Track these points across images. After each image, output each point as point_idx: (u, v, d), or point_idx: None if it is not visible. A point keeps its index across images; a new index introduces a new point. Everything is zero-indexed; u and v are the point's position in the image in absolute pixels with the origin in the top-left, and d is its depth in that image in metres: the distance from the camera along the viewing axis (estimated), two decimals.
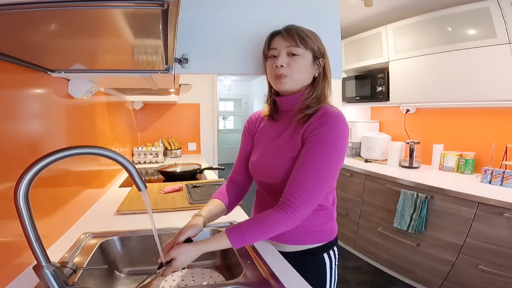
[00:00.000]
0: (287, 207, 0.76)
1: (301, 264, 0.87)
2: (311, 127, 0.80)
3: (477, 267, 1.66)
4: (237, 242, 0.76)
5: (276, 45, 0.85)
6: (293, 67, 0.82)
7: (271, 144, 0.91)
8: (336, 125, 0.79)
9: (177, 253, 0.74)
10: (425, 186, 1.93)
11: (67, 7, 0.39)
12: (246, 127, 1.03)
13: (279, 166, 0.85)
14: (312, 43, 0.83)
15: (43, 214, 0.90)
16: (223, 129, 7.92)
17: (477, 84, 1.94)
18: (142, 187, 0.65)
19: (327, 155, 0.77)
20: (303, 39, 0.82)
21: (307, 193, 0.75)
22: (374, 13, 2.47)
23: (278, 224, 0.76)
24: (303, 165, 0.78)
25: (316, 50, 0.84)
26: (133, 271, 0.97)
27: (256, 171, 0.94)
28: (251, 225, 0.77)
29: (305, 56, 0.83)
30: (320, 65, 0.86)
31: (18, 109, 0.78)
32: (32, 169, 0.55)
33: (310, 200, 0.76)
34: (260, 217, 0.78)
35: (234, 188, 1.02)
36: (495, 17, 1.78)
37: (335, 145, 0.77)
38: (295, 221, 0.76)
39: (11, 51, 0.68)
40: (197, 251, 0.76)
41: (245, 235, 0.76)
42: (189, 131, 3.18)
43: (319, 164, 0.76)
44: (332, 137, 0.77)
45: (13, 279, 0.73)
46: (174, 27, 0.53)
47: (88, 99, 1.33)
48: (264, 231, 0.77)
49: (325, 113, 0.81)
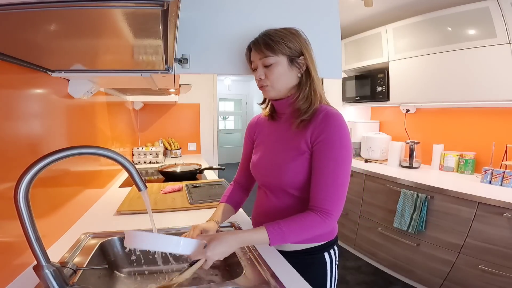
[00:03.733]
0: (320, 213, 0.78)
1: (302, 263, 0.87)
2: (316, 132, 0.81)
3: (477, 267, 1.66)
4: (276, 239, 0.76)
5: (253, 58, 0.87)
6: (270, 77, 0.84)
7: (272, 145, 0.92)
8: (339, 126, 0.80)
9: (216, 244, 0.71)
10: (425, 186, 1.93)
11: (67, 7, 0.39)
12: (247, 132, 1.06)
13: (282, 166, 0.86)
14: (282, 46, 0.81)
15: (43, 214, 0.90)
16: (223, 129, 7.91)
17: (477, 84, 1.94)
18: (142, 187, 0.65)
19: (339, 158, 0.79)
20: (269, 46, 0.81)
21: (333, 197, 0.79)
22: (374, 13, 2.47)
23: (315, 227, 0.78)
24: (321, 173, 0.80)
25: (289, 52, 0.82)
26: (133, 271, 0.97)
27: (257, 171, 0.95)
28: (291, 225, 0.78)
29: (279, 62, 0.82)
30: (300, 64, 0.84)
31: (18, 109, 0.78)
32: (32, 169, 0.55)
33: (338, 201, 0.79)
34: (298, 218, 0.79)
35: (239, 189, 1.08)
36: (495, 17, 1.78)
37: (343, 146, 0.79)
38: (330, 225, 0.79)
39: (11, 51, 0.68)
40: (237, 239, 0.75)
41: (285, 232, 0.76)
42: (189, 131, 3.18)
43: (334, 167, 0.79)
44: (338, 139, 0.79)
45: (13, 279, 0.72)
46: (174, 27, 0.54)
47: (88, 99, 1.33)
48: (303, 232, 0.78)
49: (326, 115, 0.81)
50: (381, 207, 2.29)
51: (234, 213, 1.03)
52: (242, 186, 1.09)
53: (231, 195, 1.05)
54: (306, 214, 0.79)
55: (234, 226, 1.10)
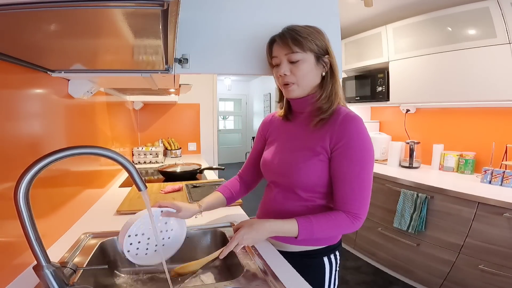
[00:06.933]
0: (350, 215, 0.80)
1: (299, 265, 0.86)
2: (335, 137, 0.80)
3: (477, 267, 1.66)
4: (304, 232, 0.78)
5: (276, 53, 0.84)
6: (297, 74, 0.81)
7: (286, 144, 0.91)
8: (360, 129, 0.79)
9: (248, 230, 0.77)
10: (425, 186, 1.93)
11: (67, 7, 0.39)
12: (260, 129, 1.05)
13: (293, 166, 0.85)
14: (310, 43, 0.80)
15: (43, 214, 0.90)
16: (223, 129, 7.92)
17: (477, 84, 1.94)
18: (142, 187, 0.65)
19: (363, 161, 0.79)
20: (298, 42, 0.79)
21: (361, 200, 0.80)
22: (374, 13, 2.47)
23: (344, 227, 0.80)
24: (346, 177, 0.79)
25: (317, 49, 0.81)
26: (133, 271, 0.97)
27: (268, 169, 0.94)
28: (321, 221, 0.79)
29: (307, 59, 0.81)
30: (325, 63, 0.83)
31: (18, 109, 0.78)
32: (32, 169, 0.55)
33: (365, 204, 0.81)
34: (329, 215, 0.80)
35: (240, 183, 1.07)
36: (495, 17, 1.78)
37: (365, 149, 0.79)
38: (357, 227, 0.81)
39: (11, 51, 0.68)
40: (269, 228, 0.78)
41: (314, 227, 0.78)
42: (189, 131, 3.18)
43: (359, 171, 0.79)
44: (361, 143, 0.79)
45: (13, 279, 0.72)
46: (174, 27, 0.53)
47: (88, 99, 1.33)
48: (333, 230, 0.80)
49: (345, 119, 0.80)
50: (381, 207, 2.29)
51: (224, 205, 1.03)
52: (245, 182, 1.08)
53: (229, 187, 1.05)
54: (337, 213, 0.80)
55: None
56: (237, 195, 1.06)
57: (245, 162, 1.09)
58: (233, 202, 1.06)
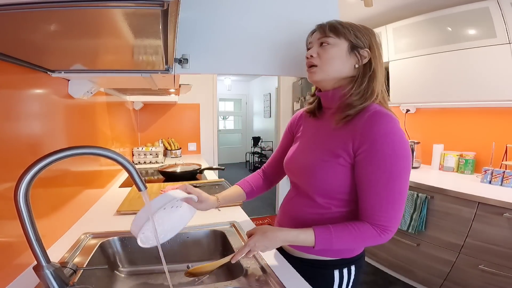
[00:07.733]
0: (378, 228, 0.71)
1: (306, 273, 0.80)
2: (359, 138, 0.70)
3: (477, 267, 1.66)
4: (322, 243, 0.71)
5: (311, 40, 0.82)
6: (322, 56, 0.77)
7: (308, 142, 0.86)
8: (388, 130, 0.68)
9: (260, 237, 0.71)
10: (425, 186, 1.93)
11: (67, 7, 0.39)
12: (288, 124, 1.01)
13: (311, 168, 0.78)
14: (349, 32, 0.75)
15: (43, 214, 0.90)
16: (223, 129, 7.92)
17: (477, 84, 1.94)
18: (142, 187, 0.65)
19: (394, 170, 0.67)
20: (334, 28, 0.76)
21: (390, 212, 0.70)
22: (374, 13, 2.47)
23: (371, 240, 0.71)
24: (372, 187, 0.70)
25: (354, 39, 0.76)
26: (133, 271, 0.97)
27: (287, 167, 0.91)
28: (342, 232, 0.71)
29: (337, 45, 0.76)
30: (361, 55, 0.76)
31: (18, 109, 0.78)
32: (32, 169, 0.55)
33: (396, 217, 0.70)
34: (352, 226, 0.72)
35: (263, 178, 1.04)
36: (495, 17, 1.78)
37: (396, 155, 0.67)
38: (387, 240, 0.72)
39: (11, 51, 0.68)
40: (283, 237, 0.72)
41: (333, 238, 0.71)
42: (189, 131, 3.18)
43: (388, 181, 0.68)
44: (390, 148, 0.67)
45: (13, 279, 0.72)
46: (174, 27, 0.53)
47: (88, 99, 1.33)
48: (356, 242, 0.72)
49: (372, 116, 0.70)
50: None
51: (244, 199, 0.99)
52: (267, 177, 1.04)
53: (249, 181, 1.01)
54: (361, 225, 0.71)
55: (235, 226, 1.10)
56: (258, 190, 1.02)
57: (270, 157, 1.06)
58: (253, 197, 1.02)
